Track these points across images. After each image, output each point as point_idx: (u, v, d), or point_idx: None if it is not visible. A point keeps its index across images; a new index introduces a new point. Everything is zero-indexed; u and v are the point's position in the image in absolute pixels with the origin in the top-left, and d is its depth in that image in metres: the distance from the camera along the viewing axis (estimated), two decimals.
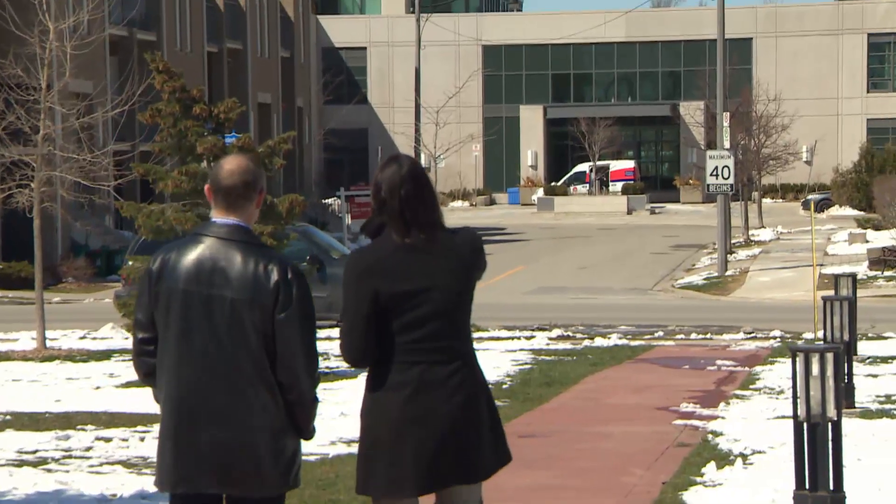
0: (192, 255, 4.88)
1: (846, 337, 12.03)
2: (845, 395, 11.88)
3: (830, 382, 7.11)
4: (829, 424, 7.14)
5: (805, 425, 7.15)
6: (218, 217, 4.89)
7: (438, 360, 4.91)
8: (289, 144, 16.35)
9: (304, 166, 58.29)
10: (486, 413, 4.99)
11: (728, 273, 33.34)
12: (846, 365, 12.02)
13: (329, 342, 19.47)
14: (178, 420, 4.88)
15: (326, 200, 54.79)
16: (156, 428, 11.40)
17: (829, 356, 7.11)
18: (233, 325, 4.82)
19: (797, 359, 7.15)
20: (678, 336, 20.55)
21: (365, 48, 70.35)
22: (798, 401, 7.15)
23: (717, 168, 32.69)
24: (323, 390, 13.61)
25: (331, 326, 21.73)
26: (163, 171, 15.94)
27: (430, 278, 4.91)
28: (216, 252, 4.85)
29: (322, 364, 16.37)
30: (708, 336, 20.45)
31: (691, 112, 52.64)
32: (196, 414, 4.85)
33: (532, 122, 68.49)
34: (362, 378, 14.48)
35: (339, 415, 12.22)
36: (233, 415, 4.83)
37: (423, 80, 50.58)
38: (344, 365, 15.92)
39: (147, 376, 5.01)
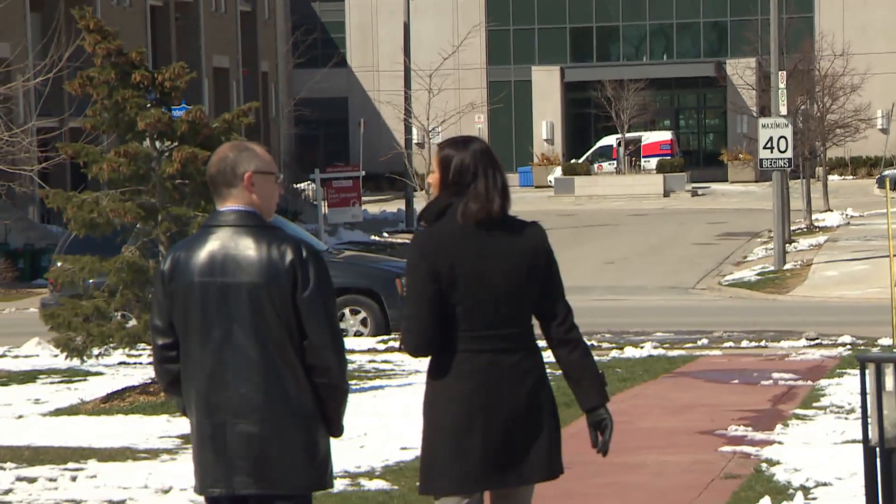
0: (202, 248, 5.59)
1: None
2: None
3: None
4: None
5: (878, 451, 7.14)
6: (220, 207, 5.65)
7: (505, 348, 5.71)
8: (250, 118, 16.36)
9: (270, 144, 58.29)
10: (550, 409, 5.78)
11: (787, 267, 33.38)
12: None
13: None
14: (207, 417, 5.56)
15: (298, 185, 54.81)
16: (90, 464, 11.45)
17: None
18: (253, 311, 5.52)
19: (867, 370, 7.14)
20: (726, 344, 20.59)
21: (343, 0, 70.40)
22: (869, 422, 7.14)
23: (771, 139, 32.70)
24: None
25: None
26: (97, 151, 15.94)
27: (495, 261, 5.72)
28: (226, 240, 5.58)
29: None
30: (762, 344, 20.49)
31: (740, 71, 52.59)
32: (225, 409, 5.54)
33: (547, 86, 68.49)
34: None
35: None
36: (262, 406, 5.51)
37: (413, 37, 50.54)
38: None
39: (171, 385, 5.69)
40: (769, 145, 32.76)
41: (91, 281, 16.03)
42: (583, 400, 5.83)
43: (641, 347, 19.57)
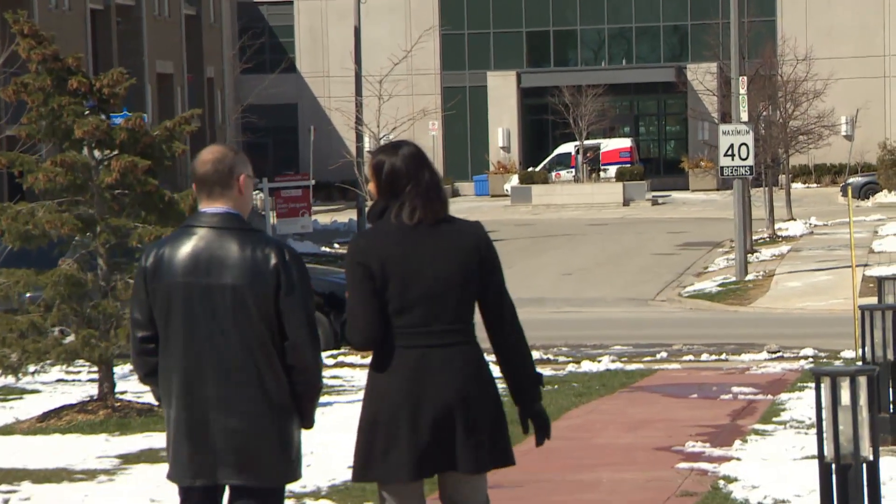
0: (186, 247, 6.03)
1: (891, 356, 12.10)
2: (891, 428, 11.96)
3: (864, 413, 7.15)
4: (864, 466, 7.19)
5: (833, 467, 7.19)
6: (205, 207, 6.07)
7: (437, 344, 6.16)
8: (193, 125, 16.31)
9: None
10: (484, 404, 6.21)
11: (749, 277, 33.54)
12: (890, 391, 12.11)
13: None
14: (189, 411, 6.03)
15: None
16: (24, 486, 11.38)
17: (862, 380, 7.16)
18: (236, 312, 6.00)
19: (822, 384, 7.19)
20: (685, 357, 20.68)
21: (291, 2, 70.28)
22: (824, 437, 7.19)
23: (732, 146, 32.85)
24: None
25: None
26: (32, 161, 15.86)
27: (426, 260, 6.16)
28: (210, 241, 6.02)
29: None
30: (723, 357, 20.58)
31: (700, 77, 52.93)
32: (207, 404, 6.02)
33: (503, 92, 68.62)
34: None
35: None
36: (243, 402, 6.01)
37: (365, 42, 50.52)
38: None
39: (148, 376, 6.17)
40: (730, 153, 32.90)
41: (27, 295, 15.94)
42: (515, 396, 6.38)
43: (598, 361, 19.62)
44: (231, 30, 63.99)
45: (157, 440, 13.37)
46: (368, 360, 21.71)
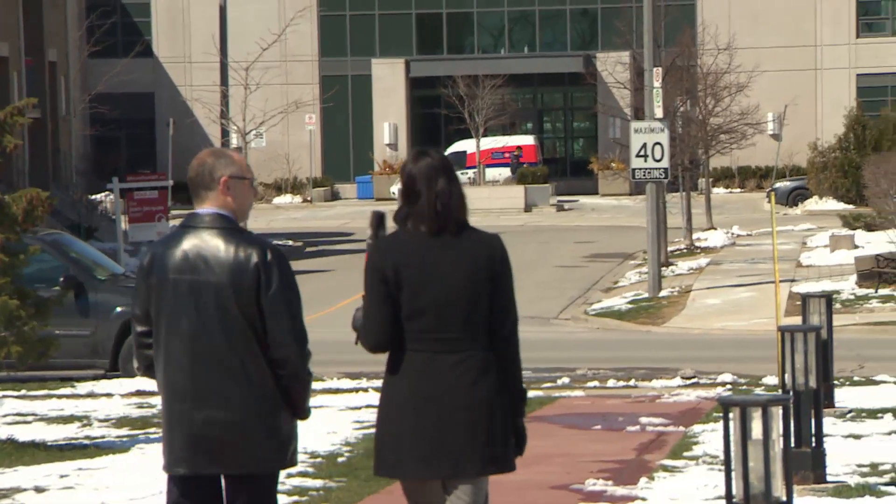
0: (178, 246, 7.23)
1: (813, 382, 12.27)
2: (812, 464, 12.13)
3: (777, 448, 7.23)
4: None
5: None
6: (198, 208, 7.26)
7: (444, 350, 7.19)
8: (27, 116, 16.13)
9: (59, 147, 57.60)
10: (487, 410, 7.17)
11: (663, 293, 33.81)
12: (813, 422, 12.27)
13: (93, 400, 19.34)
14: (175, 403, 7.18)
15: (95, 196, 54.24)
16: None
17: (776, 411, 7.23)
18: (219, 308, 7.14)
19: (731, 415, 7.27)
20: (590, 384, 20.81)
21: None
22: (733, 475, 7.27)
23: (645, 146, 33.08)
24: (78, 470, 13.48)
25: (95, 378, 21.54)
26: None
27: (437, 269, 7.21)
28: (199, 240, 7.21)
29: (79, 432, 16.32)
30: (631, 383, 20.74)
31: (610, 67, 53.29)
32: (191, 395, 7.15)
33: (390, 82, 68.66)
34: (134, 452, 14.42)
35: None
36: (225, 394, 7.12)
37: (232, 24, 50.37)
38: (114, 433, 15.97)
39: (148, 369, 7.35)
40: (643, 153, 33.10)
41: None
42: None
43: None
44: (77, 7, 63.44)
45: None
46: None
